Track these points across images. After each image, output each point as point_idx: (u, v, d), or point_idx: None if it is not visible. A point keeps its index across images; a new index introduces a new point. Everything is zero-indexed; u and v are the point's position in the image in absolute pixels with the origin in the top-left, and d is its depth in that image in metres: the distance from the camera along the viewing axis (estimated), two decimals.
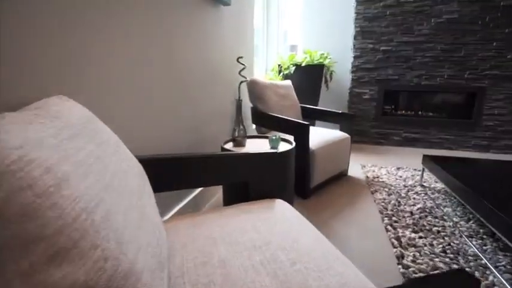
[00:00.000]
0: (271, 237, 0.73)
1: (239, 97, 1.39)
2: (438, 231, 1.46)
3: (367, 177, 2.26)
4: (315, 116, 2.49)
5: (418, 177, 2.25)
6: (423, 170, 2.07)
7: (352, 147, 3.32)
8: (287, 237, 0.74)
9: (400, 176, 2.27)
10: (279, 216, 0.86)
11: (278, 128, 1.99)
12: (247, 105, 2.52)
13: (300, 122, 1.80)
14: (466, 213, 1.67)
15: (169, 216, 1.34)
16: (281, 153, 1.30)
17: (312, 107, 2.52)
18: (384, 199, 1.84)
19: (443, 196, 1.91)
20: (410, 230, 1.47)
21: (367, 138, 3.50)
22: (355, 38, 3.28)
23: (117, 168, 0.58)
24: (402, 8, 3.13)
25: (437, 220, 1.57)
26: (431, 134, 3.35)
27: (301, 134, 1.81)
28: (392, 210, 1.68)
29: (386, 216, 1.61)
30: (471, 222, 1.57)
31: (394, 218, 1.58)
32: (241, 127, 1.42)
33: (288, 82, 2.53)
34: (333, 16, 3.53)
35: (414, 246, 1.33)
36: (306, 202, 1.85)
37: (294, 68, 2.97)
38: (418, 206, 1.75)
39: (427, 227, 1.50)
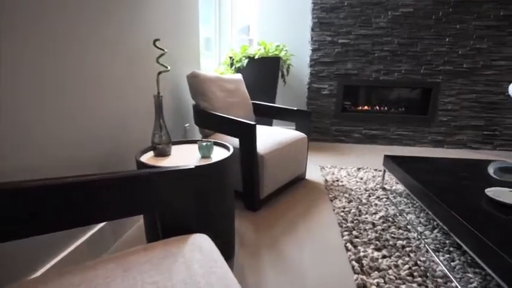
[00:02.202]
0: None
1: (158, 92, 1.06)
2: (403, 246, 1.27)
3: (326, 180, 2.05)
4: (268, 114, 2.23)
5: (379, 179, 2.09)
6: (384, 171, 1.90)
7: (312, 146, 3.13)
8: None
9: (361, 178, 2.09)
10: (182, 270, 0.55)
11: (222, 129, 1.68)
12: (189, 102, 2.18)
13: (245, 122, 1.51)
14: (430, 221, 1.51)
15: (44, 271, 0.96)
16: (205, 166, 0.99)
17: (265, 103, 2.25)
18: (344, 207, 1.63)
19: (405, 200, 1.75)
20: (372, 247, 1.26)
21: (327, 136, 3.34)
22: (312, 29, 3.08)
23: None
24: None
25: (401, 231, 1.38)
26: (390, 130, 3.28)
27: (246, 136, 1.52)
28: (352, 222, 1.47)
29: (346, 230, 1.39)
30: (436, 231, 1.40)
31: (354, 233, 1.36)
32: (164, 131, 1.09)
33: (238, 76, 2.23)
34: (290, 6, 3.30)
35: (378, 269, 1.11)
36: (255, 216, 1.57)
37: (246, 60, 2.68)
38: (380, 214, 1.56)
39: (391, 242, 1.30)
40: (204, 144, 1.09)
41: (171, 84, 1.86)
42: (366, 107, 3.37)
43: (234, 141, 1.66)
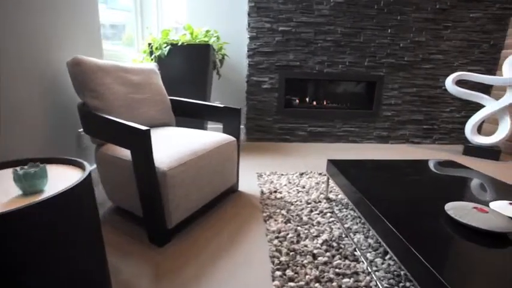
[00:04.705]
0: None
1: None
2: None
3: (263, 192, 1.69)
4: (191, 113, 1.79)
5: (323, 186, 1.80)
6: (328, 179, 1.60)
7: (252, 148, 2.77)
8: None
9: (303, 187, 1.78)
10: None
11: (108, 138, 1.21)
12: (75, 100, 1.63)
13: (134, 127, 1.06)
14: (380, 242, 1.23)
15: None
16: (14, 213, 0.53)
17: (184, 100, 1.80)
18: (279, 231, 1.28)
19: (352, 213, 1.46)
20: None
21: (270, 135, 3.01)
22: (249, 15, 2.70)
23: None
24: None
25: (347, 263, 1.07)
26: (336, 127, 3.08)
27: (138, 147, 1.07)
28: (288, 254, 1.12)
29: (279, 269, 1.03)
30: (388, 257, 1.12)
31: (289, 272, 1.01)
32: None
33: (149, 65, 1.75)
34: None
35: None
36: (160, 253, 1.14)
37: (168, 48, 2.20)
38: (323, 236, 1.24)
39: (335, 282, 0.97)
40: (21, 173, 0.62)
41: (46, 74, 1.32)
42: (310, 102, 3.11)
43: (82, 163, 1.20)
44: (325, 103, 3.13)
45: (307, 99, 3.11)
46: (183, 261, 1.10)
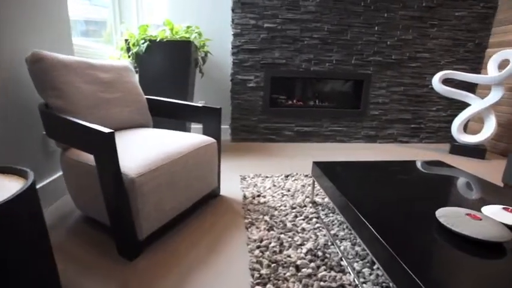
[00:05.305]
0: None
1: None
2: None
3: (245, 197, 1.60)
4: (169, 113, 1.68)
5: (309, 188, 1.73)
6: (314, 182, 1.53)
7: (237, 148, 2.68)
8: None
9: (288, 190, 1.70)
10: None
11: (71, 142, 1.09)
12: (36, 101, 1.50)
13: (97, 130, 0.95)
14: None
15: None
16: None
17: (161, 99, 1.69)
18: (261, 240, 1.19)
19: (339, 218, 1.39)
20: None
21: (255, 135, 2.92)
22: (233, 10, 2.60)
23: None
24: None
25: (333, 274, 0.99)
26: (323, 126, 3.02)
27: (102, 151, 0.96)
28: (269, 266, 1.03)
29: (259, 283, 0.95)
30: (376, 266, 1.05)
31: (269, 287, 0.93)
32: None
33: (122, 62, 1.63)
34: None
35: None
36: (131, 267, 1.03)
37: (146, 44, 2.08)
38: (308, 245, 1.16)
39: None
40: None
41: (6, 71, 1.18)
42: (297, 101, 3.04)
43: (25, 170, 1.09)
44: (312, 102, 3.06)
45: (294, 98, 3.04)
46: (154, 277, 1.00)
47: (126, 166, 1.03)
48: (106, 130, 0.93)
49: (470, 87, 3.08)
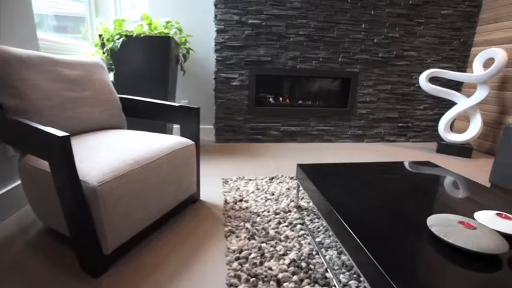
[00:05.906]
0: None
1: None
2: None
3: (226, 202, 1.51)
4: (144, 114, 1.57)
5: (294, 192, 1.65)
6: (298, 185, 1.45)
7: (221, 149, 2.57)
8: None
9: (272, 194, 1.61)
10: None
11: (22, 147, 0.97)
12: None
13: (49, 133, 0.83)
14: None
15: None
16: None
17: (135, 98, 1.57)
18: (241, 250, 1.10)
19: (325, 224, 1.32)
20: None
21: (240, 136, 2.83)
22: (216, 6, 2.49)
23: None
24: None
25: None
26: (310, 125, 2.95)
27: (57, 158, 0.85)
28: (248, 281, 0.94)
29: None
30: (363, 278, 0.98)
31: None
32: None
33: (92, 58, 1.50)
34: None
35: None
36: (96, 285, 0.93)
37: (121, 40, 1.95)
38: (291, 255, 1.07)
39: None
40: None
41: None
42: (283, 100, 2.96)
43: None
44: (299, 101, 2.99)
45: (280, 97, 2.96)
46: None
47: (87, 173, 0.92)
48: (60, 133, 0.82)
49: (456, 86, 3.08)
